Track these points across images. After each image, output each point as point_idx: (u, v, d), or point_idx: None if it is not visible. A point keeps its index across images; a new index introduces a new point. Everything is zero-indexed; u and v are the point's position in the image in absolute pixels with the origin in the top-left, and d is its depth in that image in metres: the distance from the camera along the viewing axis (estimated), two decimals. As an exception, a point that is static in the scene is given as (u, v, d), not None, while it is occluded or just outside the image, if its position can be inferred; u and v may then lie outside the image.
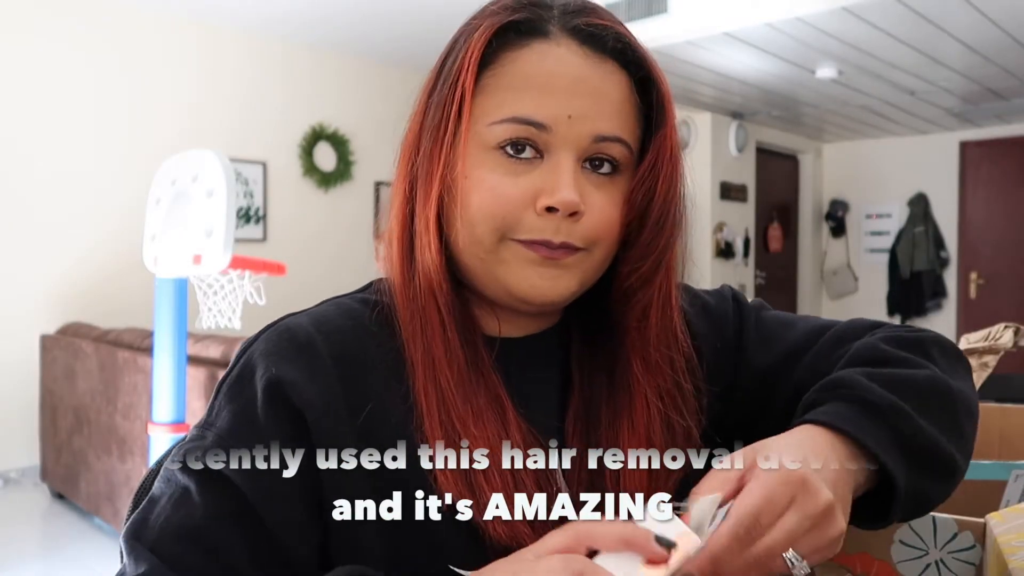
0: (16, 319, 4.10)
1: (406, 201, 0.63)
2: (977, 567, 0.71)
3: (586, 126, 0.59)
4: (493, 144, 0.59)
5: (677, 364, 0.66)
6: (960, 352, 0.68)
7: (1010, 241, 6.38)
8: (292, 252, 4.85)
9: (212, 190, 2.36)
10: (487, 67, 0.60)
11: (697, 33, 4.00)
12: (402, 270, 0.62)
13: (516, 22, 0.60)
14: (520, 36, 0.60)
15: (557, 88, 0.59)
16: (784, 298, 6.99)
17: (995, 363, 1.25)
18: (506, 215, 0.59)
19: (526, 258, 0.59)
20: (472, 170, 0.59)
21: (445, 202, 0.60)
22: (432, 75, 0.64)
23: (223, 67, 4.89)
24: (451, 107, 0.60)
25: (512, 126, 0.58)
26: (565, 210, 0.58)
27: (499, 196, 0.59)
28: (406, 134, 0.64)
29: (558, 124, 0.58)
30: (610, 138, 0.60)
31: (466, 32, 0.62)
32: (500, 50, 0.60)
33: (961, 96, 5.42)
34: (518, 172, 0.59)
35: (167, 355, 2.47)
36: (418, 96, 0.65)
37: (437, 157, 0.60)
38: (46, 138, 4.20)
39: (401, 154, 0.64)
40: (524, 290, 0.60)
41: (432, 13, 4.57)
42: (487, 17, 0.61)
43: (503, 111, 0.59)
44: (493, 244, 0.60)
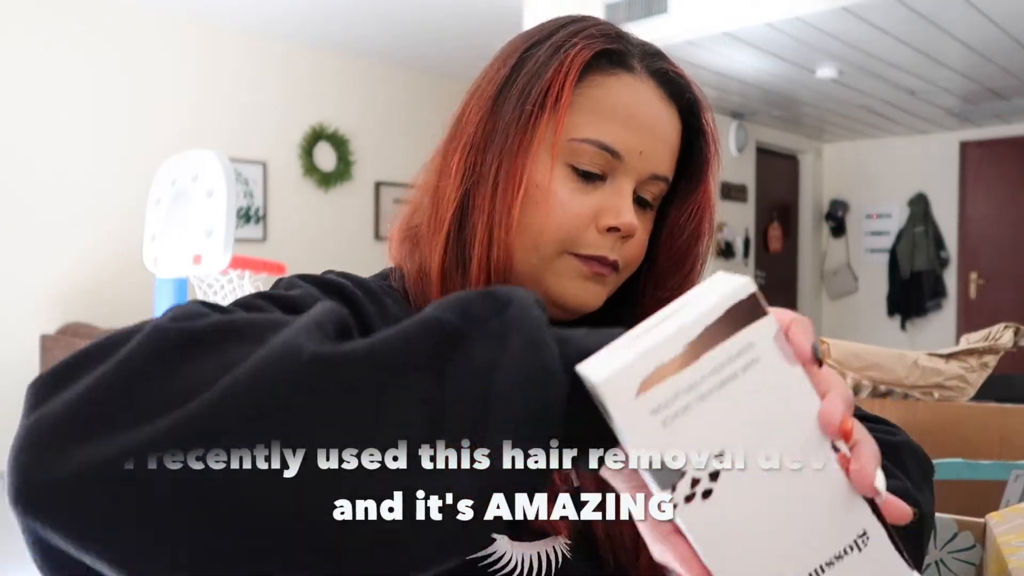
0: (16, 319, 4.10)
1: (458, 195, 0.63)
2: (977, 567, 0.71)
3: (650, 164, 0.63)
4: (568, 159, 0.62)
5: None
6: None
7: (1010, 241, 6.38)
8: (292, 252, 4.86)
9: (212, 190, 2.36)
10: (575, 84, 0.63)
11: (697, 33, 4.00)
12: (443, 261, 0.63)
13: (610, 51, 0.63)
14: (611, 64, 0.63)
15: (638, 124, 0.62)
16: (784, 298, 6.99)
17: (995, 363, 1.26)
18: (571, 229, 0.62)
19: (579, 272, 0.63)
20: (541, 179, 0.61)
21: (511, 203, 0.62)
22: (502, 73, 0.64)
23: (223, 67, 4.89)
24: (539, 115, 0.61)
25: (593, 149, 0.61)
26: (626, 232, 0.62)
27: (568, 211, 0.61)
28: (459, 126, 0.65)
29: (631, 157, 0.62)
30: (661, 178, 0.65)
31: (554, 43, 0.63)
32: (588, 72, 0.62)
33: (961, 96, 5.42)
34: (585, 191, 0.62)
35: (167, 355, 2.46)
36: (475, 92, 0.65)
37: (521, 159, 0.61)
38: (46, 138, 4.20)
39: (458, 149, 0.64)
40: (568, 300, 0.63)
41: (432, 13, 4.57)
42: (584, 38, 0.63)
43: (586, 132, 0.61)
44: (551, 255, 0.62)
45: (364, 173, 5.56)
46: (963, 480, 0.96)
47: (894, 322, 6.85)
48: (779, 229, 6.94)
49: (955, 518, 0.72)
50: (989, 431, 1.12)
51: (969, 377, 1.22)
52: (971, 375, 1.22)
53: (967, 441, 1.12)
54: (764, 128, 6.53)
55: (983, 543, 0.69)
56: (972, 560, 0.71)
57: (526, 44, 0.65)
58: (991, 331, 1.28)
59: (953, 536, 0.72)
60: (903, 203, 6.79)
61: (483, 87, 0.65)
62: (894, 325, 6.84)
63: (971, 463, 0.97)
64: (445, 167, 0.64)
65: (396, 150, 5.60)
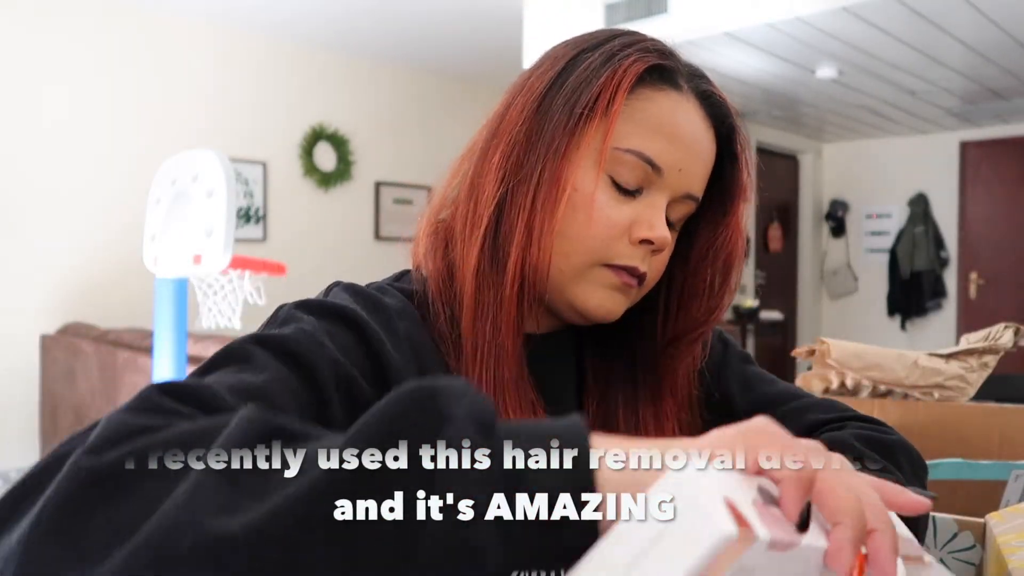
0: (16, 319, 4.10)
1: (498, 193, 0.62)
2: (977, 567, 0.71)
3: (686, 181, 0.64)
4: (609, 169, 0.62)
5: (696, 394, 0.73)
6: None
7: (1010, 241, 6.38)
8: (292, 252, 4.85)
9: (212, 190, 2.36)
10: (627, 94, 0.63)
11: (697, 33, 4.00)
12: (479, 261, 0.62)
13: (661, 67, 0.63)
14: (660, 80, 0.63)
15: (681, 142, 0.63)
16: (784, 298, 6.99)
17: (995, 363, 1.26)
18: (606, 239, 0.62)
19: (608, 283, 0.63)
20: (585, 185, 0.61)
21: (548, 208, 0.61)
22: (550, 74, 0.64)
23: (223, 67, 4.89)
24: (588, 120, 0.61)
25: (636, 160, 0.61)
26: (659, 245, 0.63)
27: (605, 219, 0.61)
28: (502, 123, 0.64)
29: (670, 172, 0.63)
30: (693, 198, 0.65)
31: (608, 50, 0.63)
32: (638, 85, 0.62)
33: (961, 96, 5.42)
34: (622, 202, 0.62)
35: (167, 355, 2.47)
36: (521, 89, 0.65)
37: (566, 162, 0.61)
38: (45, 139, 4.20)
39: (500, 147, 0.63)
40: (592, 308, 0.63)
41: (433, 13, 4.57)
42: (637, 50, 0.63)
43: (631, 142, 0.61)
44: (583, 265, 0.62)
45: (364, 173, 5.55)
46: (963, 480, 0.96)
47: (894, 322, 6.85)
48: (779, 229, 6.93)
49: (955, 518, 0.72)
50: (989, 431, 1.12)
51: (969, 377, 1.22)
52: (971, 375, 1.22)
53: (967, 441, 1.12)
54: (764, 128, 6.53)
55: (983, 543, 0.69)
56: (972, 560, 0.71)
57: (577, 50, 0.64)
58: (991, 331, 1.28)
59: (953, 536, 0.72)
60: (903, 203, 6.78)
61: (531, 85, 0.64)
62: (894, 325, 6.84)
63: (971, 463, 0.97)
64: (485, 164, 0.63)
65: (396, 150, 5.60)
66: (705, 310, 0.69)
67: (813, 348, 1.29)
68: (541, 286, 0.62)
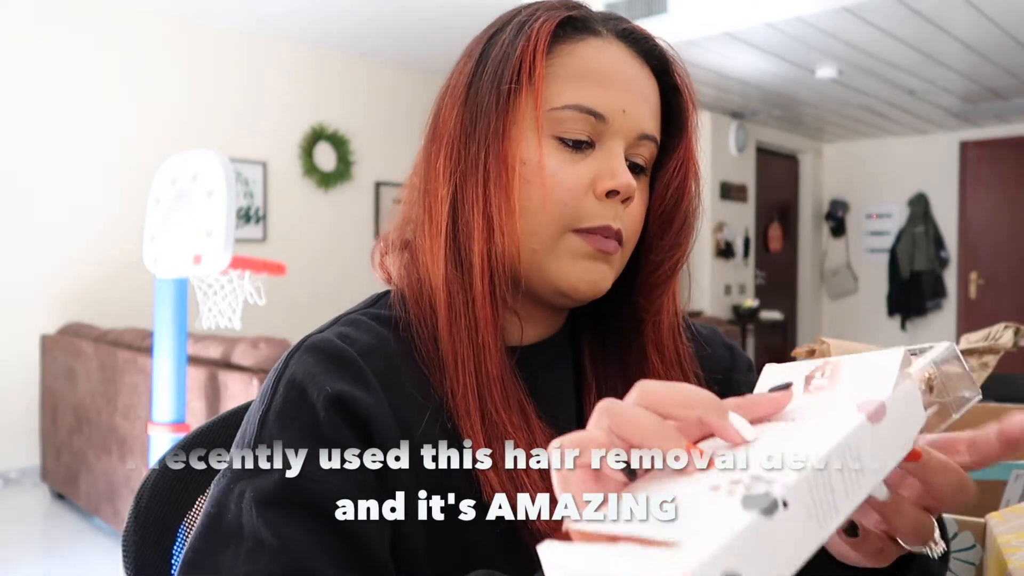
0: (16, 319, 4.11)
1: (449, 192, 0.61)
2: (977, 567, 0.71)
3: (635, 123, 0.62)
4: (553, 131, 0.60)
5: (686, 354, 0.69)
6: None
7: (1010, 241, 6.38)
8: (292, 252, 4.86)
9: (212, 190, 2.36)
10: (545, 54, 0.62)
11: (697, 33, 4.00)
12: (446, 267, 0.61)
13: (573, 18, 0.63)
14: (576, 31, 0.62)
15: (615, 83, 0.61)
16: (784, 298, 6.99)
17: (995, 363, 1.25)
18: (569, 201, 0.60)
19: (581, 252, 0.61)
20: (530, 155, 0.60)
21: (502, 191, 0.60)
22: (469, 65, 0.63)
23: (223, 67, 4.89)
24: (516, 92, 0.60)
25: (575, 114, 0.60)
26: (625, 193, 0.60)
27: (562, 182, 0.60)
28: (438, 127, 0.63)
29: (614, 117, 0.61)
30: (649, 137, 0.63)
31: (517, 22, 0.63)
32: (555, 42, 0.62)
33: (961, 96, 5.42)
34: (575, 160, 0.60)
35: (167, 355, 2.47)
36: (447, 91, 0.64)
37: (507, 139, 0.60)
38: (46, 138, 4.20)
39: (441, 148, 0.62)
40: (573, 283, 0.61)
41: (432, 14, 4.57)
42: (544, 11, 0.63)
43: (564, 98, 0.60)
44: (553, 235, 0.60)
45: (364, 173, 5.56)
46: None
47: (894, 322, 6.85)
48: (779, 229, 6.94)
49: (955, 518, 0.72)
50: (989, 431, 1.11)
51: (969, 377, 1.22)
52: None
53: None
54: (764, 128, 6.53)
55: (983, 543, 0.69)
56: (972, 560, 0.71)
57: (488, 34, 0.64)
58: (991, 331, 1.28)
59: (953, 536, 0.72)
60: (903, 203, 6.79)
61: (453, 83, 0.64)
62: (894, 325, 6.84)
63: (971, 463, 0.97)
64: (431, 170, 0.63)
65: (396, 150, 5.60)
66: (668, 246, 0.66)
67: (813, 348, 1.29)
68: (515, 273, 0.60)
